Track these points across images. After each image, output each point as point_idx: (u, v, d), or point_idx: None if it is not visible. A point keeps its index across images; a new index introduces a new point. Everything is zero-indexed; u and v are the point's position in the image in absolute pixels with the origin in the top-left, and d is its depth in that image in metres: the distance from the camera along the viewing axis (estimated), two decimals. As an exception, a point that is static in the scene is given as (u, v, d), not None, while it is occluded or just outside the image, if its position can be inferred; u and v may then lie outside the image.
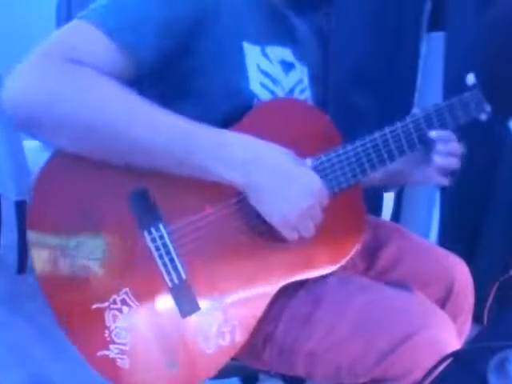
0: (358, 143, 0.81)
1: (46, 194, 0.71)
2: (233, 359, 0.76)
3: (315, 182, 0.74)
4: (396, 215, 1.84)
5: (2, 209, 2.40)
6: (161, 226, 0.73)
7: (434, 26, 1.67)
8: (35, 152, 2.28)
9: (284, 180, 0.72)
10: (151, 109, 0.69)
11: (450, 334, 0.75)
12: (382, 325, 0.75)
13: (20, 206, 2.16)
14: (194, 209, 0.74)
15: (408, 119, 0.84)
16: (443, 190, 1.71)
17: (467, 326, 0.95)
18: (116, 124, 0.66)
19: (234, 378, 0.91)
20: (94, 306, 0.71)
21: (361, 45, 1.77)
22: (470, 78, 0.87)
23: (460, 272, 0.95)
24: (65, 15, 2.59)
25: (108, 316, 0.71)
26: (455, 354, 0.59)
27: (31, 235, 0.71)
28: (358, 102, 1.77)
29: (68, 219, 0.71)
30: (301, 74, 0.92)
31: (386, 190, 1.34)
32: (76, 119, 0.66)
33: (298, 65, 0.91)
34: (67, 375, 1.55)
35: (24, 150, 2.08)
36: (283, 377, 1.00)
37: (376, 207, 1.71)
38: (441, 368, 0.58)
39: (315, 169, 0.78)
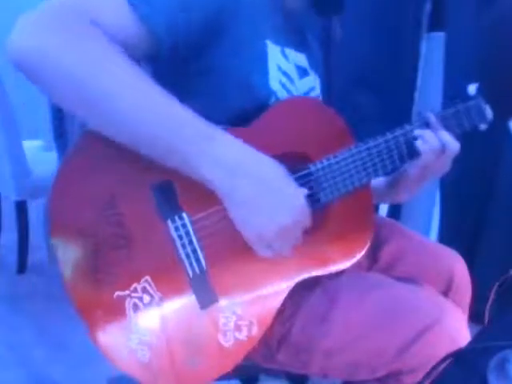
0: (354, 150, 0.81)
1: (67, 188, 0.72)
2: (244, 360, 0.76)
3: (298, 200, 0.71)
4: (395, 215, 1.84)
5: (1, 209, 2.40)
6: (184, 215, 0.74)
7: (434, 25, 1.67)
8: (35, 152, 2.28)
9: (264, 192, 0.69)
10: (149, 87, 0.68)
11: (461, 324, 0.77)
12: (398, 320, 0.76)
13: (20, 206, 2.16)
14: (214, 201, 0.74)
15: (398, 131, 0.83)
16: (443, 189, 1.72)
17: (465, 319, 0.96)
18: (110, 92, 0.66)
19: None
20: (116, 294, 0.71)
21: (361, 45, 1.77)
22: (472, 88, 0.87)
23: (458, 267, 0.96)
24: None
25: (129, 304, 0.72)
26: (455, 354, 0.59)
27: (53, 227, 0.71)
28: (359, 101, 1.77)
29: (91, 208, 0.72)
30: (314, 82, 0.93)
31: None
32: (74, 75, 0.65)
33: (311, 73, 0.92)
34: (67, 375, 1.55)
35: (24, 149, 2.08)
36: (287, 375, 1.00)
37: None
38: (441, 368, 0.58)
39: (315, 173, 0.78)
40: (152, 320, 0.72)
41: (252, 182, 0.69)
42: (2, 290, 2.10)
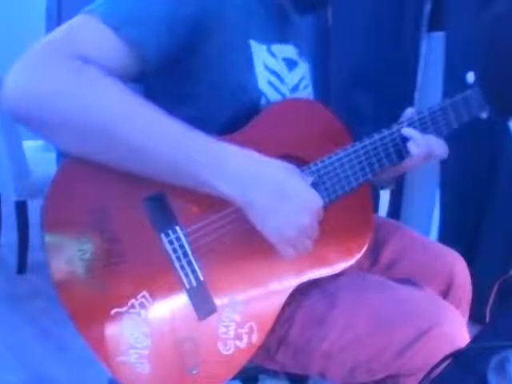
0: (350, 150, 0.81)
1: (62, 198, 0.71)
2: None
3: (315, 200, 0.73)
4: (395, 215, 1.84)
5: (1, 209, 2.40)
6: (177, 229, 0.73)
7: (433, 25, 1.67)
8: (35, 152, 2.28)
9: (281, 197, 0.71)
10: (151, 114, 0.68)
11: (460, 327, 0.77)
12: (397, 322, 0.76)
13: (20, 206, 2.16)
14: (208, 211, 0.74)
15: (394, 127, 0.83)
16: (443, 189, 1.72)
17: (466, 318, 0.96)
18: (114, 127, 0.66)
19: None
20: (113, 311, 0.70)
21: (361, 45, 1.77)
22: (470, 76, 0.87)
23: (459, 266, 0.96)
24: (55, 15, 2.59)
25: (127, 320, 0.71)
26: (455, 354, 0.59)
27: (47, 239, 0.70)
28: (358, 101, 1.77)
29: (84, 223, 0.70)
30: (304, 70, 0.93)
31: (383, 188, 1.35)
32: (75, 118, 0.65)
33: (300, 62, 0.92)
34: (67, 375, 1.55)
35: (24, 149, 2.08)
36: (288, 375, 1.00)
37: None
38: (441, 368, 0.58)
39: (311, 175, 0.78)
40: (150, 334, 0.71)
41: (267, 190, 0.70)
42: (2, 290, 2.10)
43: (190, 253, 0.74)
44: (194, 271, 0.74)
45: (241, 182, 0.70)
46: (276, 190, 0.71)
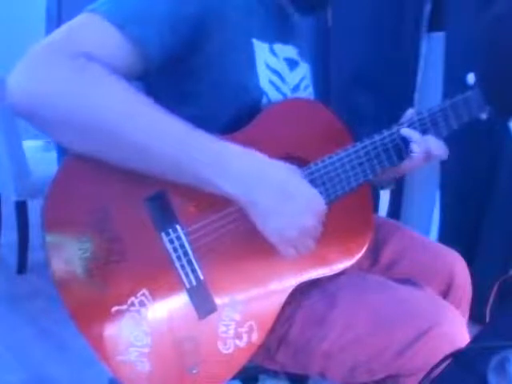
0: (350, 150, 0.81)
1: (62, 197, 0.71)
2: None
3: (318, 201, 0.74)
4: (395, 215, 1.84)
5: (1, 209, 2.40)
6: (178, 228, 0.73)
7: (433, 25, 1.67)
8: (35, 152, 2.29)
9: (284, 197, 0.71)
10: (154, 113, 0.68)
11: (460, 328, 0.77)
12: (397, 322, 0.76)
13: (20, 206, 2.16)
14: (209, 211, 0.74)
15: (394, 128, 0.84)
16: (443, 190, 1.72)
17: (466, 318, 0.96)
18: (116, 126, 0.66)
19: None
20: (114, 309, 0.71)
21: (361, 45, 1.77)
22: (471, 78, 0.87)
23: (459, 266, 0.96)
24: (55, 15, 2.59)
25: (127, 318, 0.71)
26: (455, 354, 0.59)
27: (48, 238, 0.70)
28: (358, 102, 1.77)
29: (84, 223, 0.71)
30: (305, 70, 0.93)
31: (383, 188, 1.35)
32: (77, 117, 0.65)
33: (301, 62, 0.92)
34: (67, 375, 1.55)
35: (24, 149, 2.08)
36: (288, 375, 1.01)
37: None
38: (441, 367, 0.58)
39: (311, 174, 0.78)
40: (150, 332, 0.71)
41: (269, 190, 0.70)
42: (2, 290, 2.10)
43: (190, 252, 0.74)
44: (194, 270, 0.74)
45: (244, 182, 0.70)
46: (280, 190, 0.71)
